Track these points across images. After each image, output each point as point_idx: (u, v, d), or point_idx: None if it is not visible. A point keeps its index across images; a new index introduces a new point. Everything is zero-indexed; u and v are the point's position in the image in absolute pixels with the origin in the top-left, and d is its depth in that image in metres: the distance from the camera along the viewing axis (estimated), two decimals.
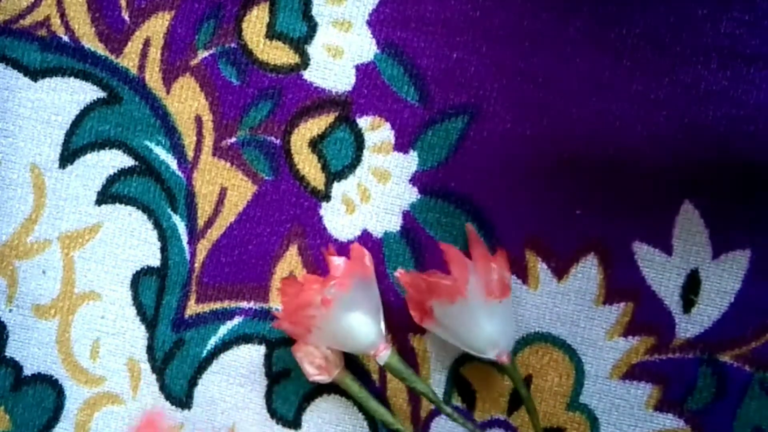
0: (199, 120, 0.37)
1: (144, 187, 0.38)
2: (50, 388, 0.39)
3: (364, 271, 0.36)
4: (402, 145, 0.37)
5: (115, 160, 0.38)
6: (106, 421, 0.39)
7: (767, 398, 0.36)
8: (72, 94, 0.38)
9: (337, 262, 0.35)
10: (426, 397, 0.35)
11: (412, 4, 0.36)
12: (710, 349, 0.36)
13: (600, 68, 0.35)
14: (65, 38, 0.38)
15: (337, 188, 0.37)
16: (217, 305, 0.38)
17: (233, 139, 0.37)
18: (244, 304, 0.38)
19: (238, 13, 0.37)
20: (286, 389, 0.38)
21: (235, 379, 0.38)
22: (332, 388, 0.37)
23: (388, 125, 0.37)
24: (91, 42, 0.38)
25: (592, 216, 0.36)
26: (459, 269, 0.34)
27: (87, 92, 0.38)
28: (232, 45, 0.37)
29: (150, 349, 0.38)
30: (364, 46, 0.37)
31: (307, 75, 0.37)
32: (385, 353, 0.35)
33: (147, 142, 0.38)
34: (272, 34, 0.37)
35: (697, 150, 0.35)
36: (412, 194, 0.37)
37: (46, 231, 0.38)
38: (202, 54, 0.37)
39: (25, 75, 0.38)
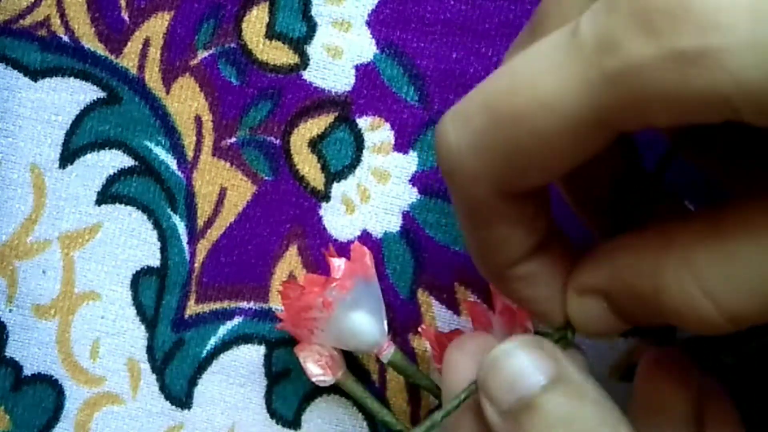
0: (198, 120, 0.37)
1: (144, 187, 0.38)
2: (50, 388, 0.39)
3: (365, 270, 0.36)
4: (402, 145, 0.37)
5: (115, 160, 0.38)
6: (106, 421, 0.39)
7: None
8: (72, 94, 0.38)
9: (337, 263, 0.35)
10: (431, 392, 0.35)
11: (412, 4, 0.36)
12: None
13: None
14: (65, 38, 0.38)
15: (337, 188, 0.37)
16: (217, 305, 0.38)
17: (233, 139, 0.37)
18: (244, 305, 0.38)
19: (238, 13, 0.37)
20: (286, 389, 0.38)
21: (235, 379, 0.38)
22: (332, 389, 0.37)
23: (387, 125, 0.37)
24: (91, 42, 0.38)
25: None
26: (482, 326, 0.34)
27: (87, 92, 0.38)
28: (232, 45, 0.37)
29: (150, 349, 0.38)
30: (363, 47, 0.36)
31: (307, 75, 0.37)
32: (389, 351, 0.35)
33: (147, 142, 0.38)
34: (272, 34, 0.37)
35: None
36: (411, 194, 0.37)
37: (46, 231, 0.38)
38: (202, 54, 0.37)
39: (25, 75, 0.38)
